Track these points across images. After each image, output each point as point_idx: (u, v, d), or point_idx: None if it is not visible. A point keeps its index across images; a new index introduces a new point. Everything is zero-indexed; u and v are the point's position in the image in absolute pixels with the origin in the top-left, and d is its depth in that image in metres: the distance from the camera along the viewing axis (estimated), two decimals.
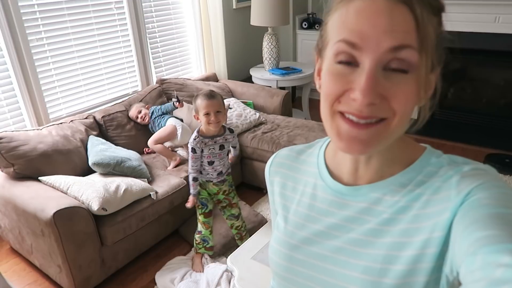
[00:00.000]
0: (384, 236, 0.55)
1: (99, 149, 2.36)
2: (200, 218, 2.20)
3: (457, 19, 3.28)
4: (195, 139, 2.02)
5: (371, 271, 0.54)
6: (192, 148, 2.03)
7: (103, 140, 2.51)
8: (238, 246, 2.10)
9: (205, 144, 2.03)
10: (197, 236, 2.24)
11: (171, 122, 2.74)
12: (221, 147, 2.05)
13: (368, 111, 0.48)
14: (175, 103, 2.70)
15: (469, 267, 0.40)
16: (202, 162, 2.09)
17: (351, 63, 0.48)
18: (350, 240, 0.58)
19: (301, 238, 0.63)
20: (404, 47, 0.46)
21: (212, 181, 2.12)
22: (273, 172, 0.72)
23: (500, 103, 3.75)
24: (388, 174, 0.58)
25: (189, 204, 2.14)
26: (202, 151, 2.04)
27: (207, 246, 2.24)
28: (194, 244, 2.27)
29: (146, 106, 2.83)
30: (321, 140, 0.70)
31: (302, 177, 0.68)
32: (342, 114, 0.51)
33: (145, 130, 2.83)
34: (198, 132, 2.03)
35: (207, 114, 1.93)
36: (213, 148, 2.04)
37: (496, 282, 0.35)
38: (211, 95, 1.95)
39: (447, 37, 0.51)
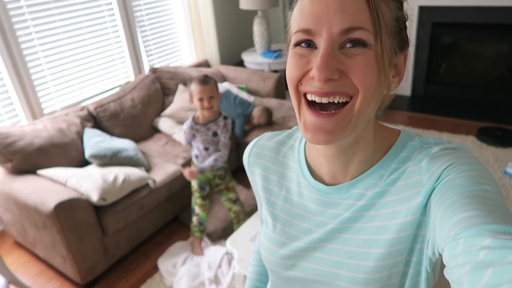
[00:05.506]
0: (368, 222, 0.57)
1: (95, 141, 2.38)
2: (198, 201, 2.24)
3: None
4: (187, 124, 2.08)
5: (355, 256, 0.57)
6: (183, 130, 2.12)
7: (99, 132, 2.53)
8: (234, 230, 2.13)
9: (197, 130, 2.07)
10: (194, 219, 2.28)
11: None
12: (214, 134, 2.08)
13: (328, 88, 0.48)
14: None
15: (452, 252, 0.41)
16: (197, 148, 2.12)
17: (310, 44, 0.50)
18: (335, 230, 0.60)
19: (290, 236, 0.64)
20: (355, 29, 0.47)
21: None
22: (252, 163, 0.72)
23: (492, 76, 3.77)
24: (369, 166, 0.59)
25: (186, 173, 2.10)
26: (194, 136, 2.09)
27: (202, 228, 2.29)
28: (191, 227, 2.31)
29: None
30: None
31: (287, 172, 0.68)
32: (308, 103, 0.52)
33: (140, 117, 2.82)
34: (193, 118, 2.08)
35: (200, 99, 1.97)
36: (206, 135, 2.07)
37: (481, 265, 0.36)
38: (204, 81, 1.97)
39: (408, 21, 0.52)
